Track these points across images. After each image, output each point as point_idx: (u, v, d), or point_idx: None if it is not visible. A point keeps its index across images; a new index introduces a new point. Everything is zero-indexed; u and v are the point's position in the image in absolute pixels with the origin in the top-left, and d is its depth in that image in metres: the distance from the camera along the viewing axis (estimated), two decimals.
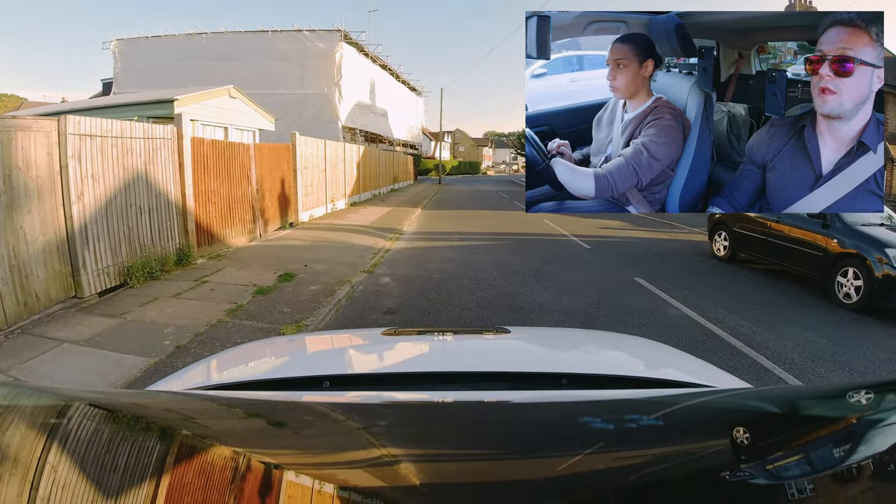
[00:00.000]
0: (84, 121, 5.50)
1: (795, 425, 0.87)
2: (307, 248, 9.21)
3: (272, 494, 0.61)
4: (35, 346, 4.29)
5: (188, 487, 0.61)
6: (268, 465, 0.67)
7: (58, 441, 0.66)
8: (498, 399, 1.11)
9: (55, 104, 18.02)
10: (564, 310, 5.90)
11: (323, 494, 0.60)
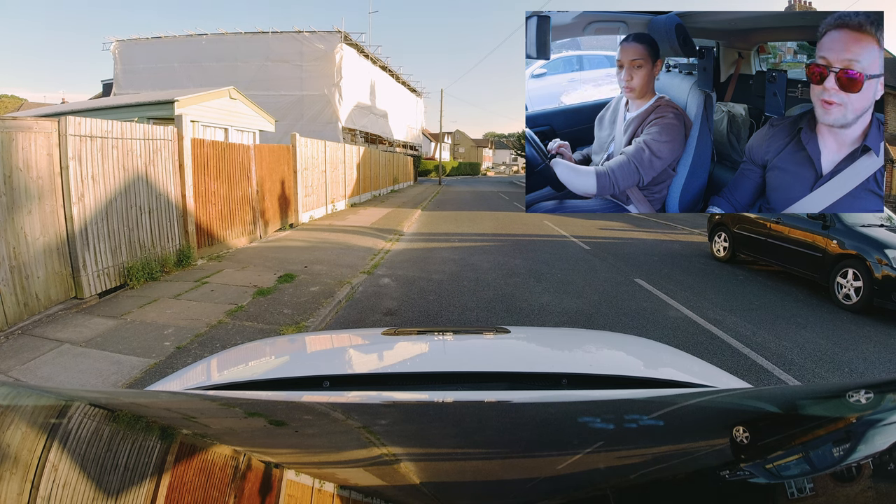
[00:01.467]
0: (84, 122, 5.50)
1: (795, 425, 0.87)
2: (307, 249, 9.21)
3: (272, 494, 0.61)
4: (35, 347, 4.29)
5: (188, 487, 0.61)
6: (268, 465, 0.67)
7: (58, 440, 0.66)
8: (498, 399, 1.11)
9: (55, 105, 18.04)
10: (564, 311, 5.90)
11: (323, 494, 0.60)
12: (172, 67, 22.18)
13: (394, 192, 25.68)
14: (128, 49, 23.32)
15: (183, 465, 0.65)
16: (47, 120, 5.19)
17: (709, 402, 1.02)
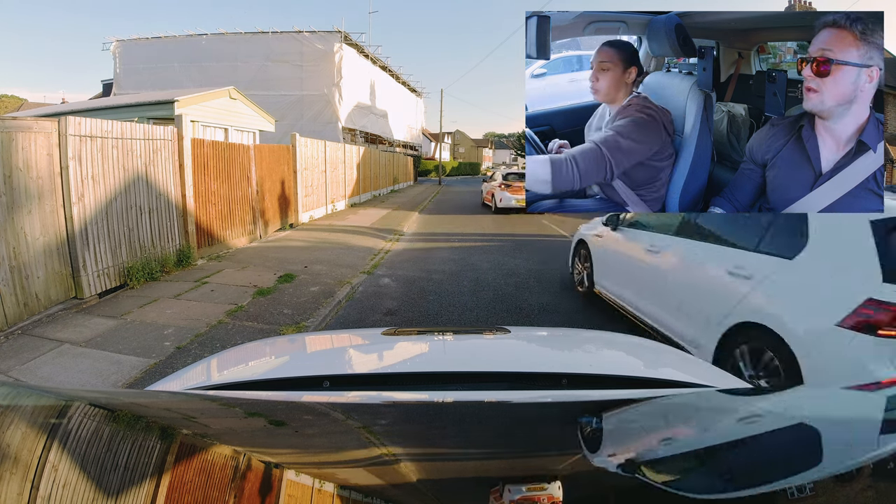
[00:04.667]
0: (84, 122, 5.50)
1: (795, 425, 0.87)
2: (307, 249, 9.21)
3: (272, 493, 0.61)
4: (35, 347, 4.29)
5: (188, 487, 0.61)
6: (268, 465, 0.67)
7: (58, 440, 0.66)
8: (498, 399, 1.11)
9: (55, 105, 18.03)
10: (565, 311, 5.90)
11: (323, 493, 0.60)
12: (172, 67, 22.18)
13: (394, 192, 25.68)
14: (128, 49, 23.32)
15: (183, 465, 0.65)
16: (47, 120, 5.19)
17: (709, 402, 1.02)
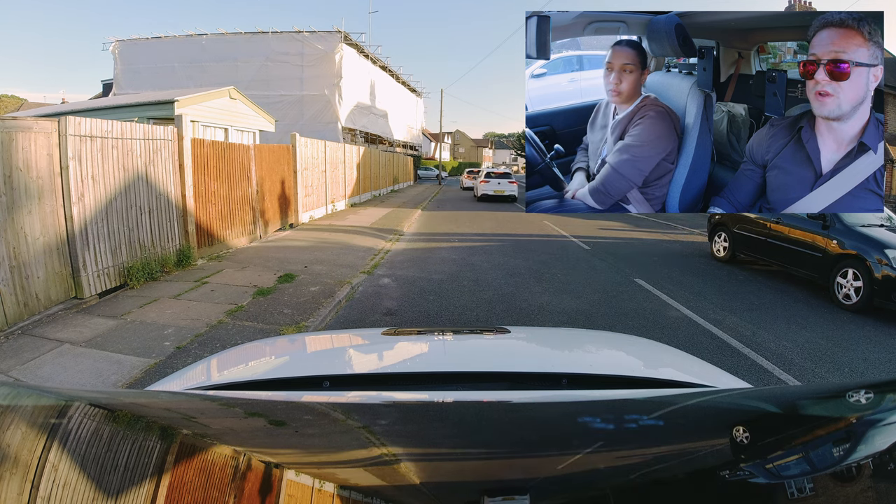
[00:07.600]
0: (84, 122, 5.50)
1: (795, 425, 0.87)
2: (307, 249, 9.20)
3: (272, 494, 0.61)
4: (35, 347, 4.29)
5: (188, 487, 0.61)
6: (268, 465, 0.67)
7: (58, 440, 0.66)
8: (498, 399, 1.11)
9: (55, 105, 18.04)
10: (564, 311, 5.90)
11: (323, 494, 0.60)
12: (172, 67, 22.18)
13: (394, 192, 25.68)
14: (128, 49, 23.32)
15: (183, 465, 0.65)
16: (47, 120, 5.19)
17: (709, 402, 1.02)
